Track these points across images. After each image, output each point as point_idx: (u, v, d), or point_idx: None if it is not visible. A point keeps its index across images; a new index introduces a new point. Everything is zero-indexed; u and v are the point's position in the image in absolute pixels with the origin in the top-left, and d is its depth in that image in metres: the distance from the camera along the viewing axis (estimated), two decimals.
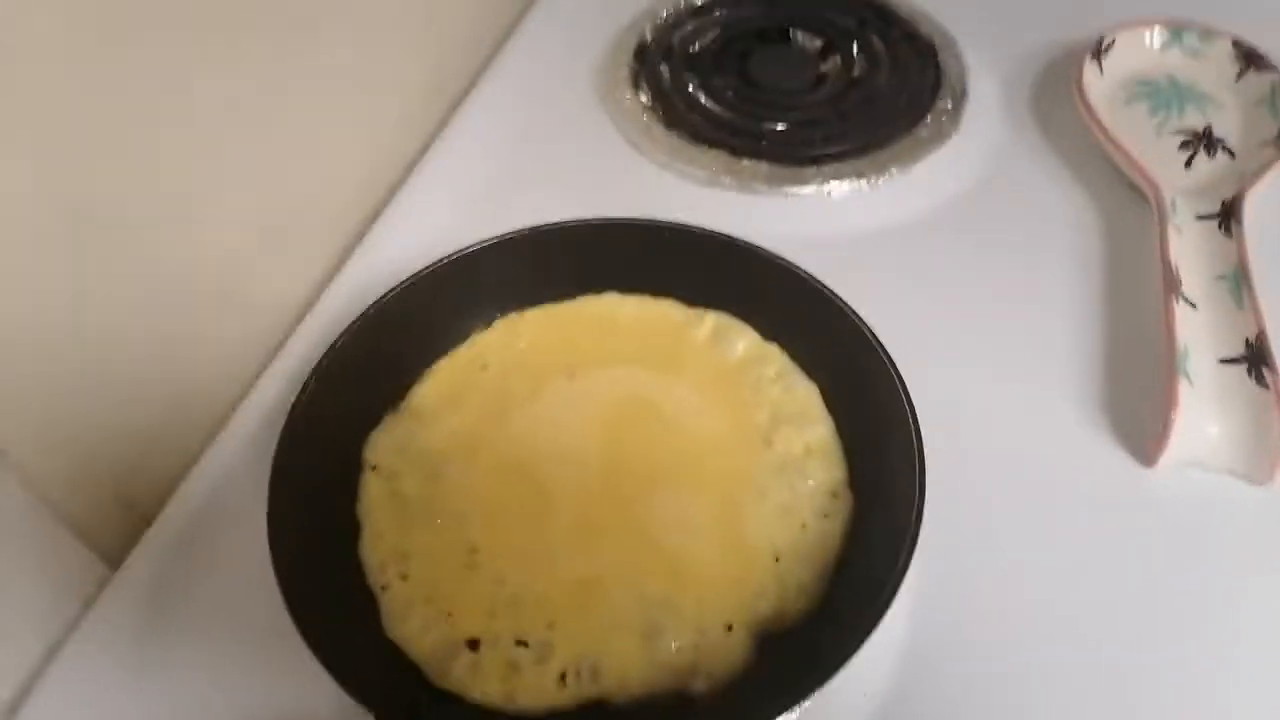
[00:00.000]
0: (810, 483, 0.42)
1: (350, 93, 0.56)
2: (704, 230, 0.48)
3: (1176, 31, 0.64)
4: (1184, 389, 0.46)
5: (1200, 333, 0.48)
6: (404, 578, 0.38)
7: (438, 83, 0.66)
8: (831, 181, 0.58)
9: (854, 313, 0.44)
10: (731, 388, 0.45)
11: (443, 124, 0.65)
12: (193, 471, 0.47)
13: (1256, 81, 0.61)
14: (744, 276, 0.47)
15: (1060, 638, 0.42)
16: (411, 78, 0.63)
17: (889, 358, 0.42)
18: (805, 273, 0.45)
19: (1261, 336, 0.47)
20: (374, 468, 0.41)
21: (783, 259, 0.46)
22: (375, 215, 0.59)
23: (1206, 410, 0.46)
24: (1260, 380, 0.46)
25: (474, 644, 0.37)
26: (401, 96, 0.62)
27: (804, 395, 0.45)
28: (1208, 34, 0.63)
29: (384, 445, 0.42)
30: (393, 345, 0.45)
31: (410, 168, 0.62)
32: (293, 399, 0.40)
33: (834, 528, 0.41)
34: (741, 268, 0.47)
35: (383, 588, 0.38)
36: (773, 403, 0.45)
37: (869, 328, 0.43)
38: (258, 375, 0.51)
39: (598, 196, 0.59)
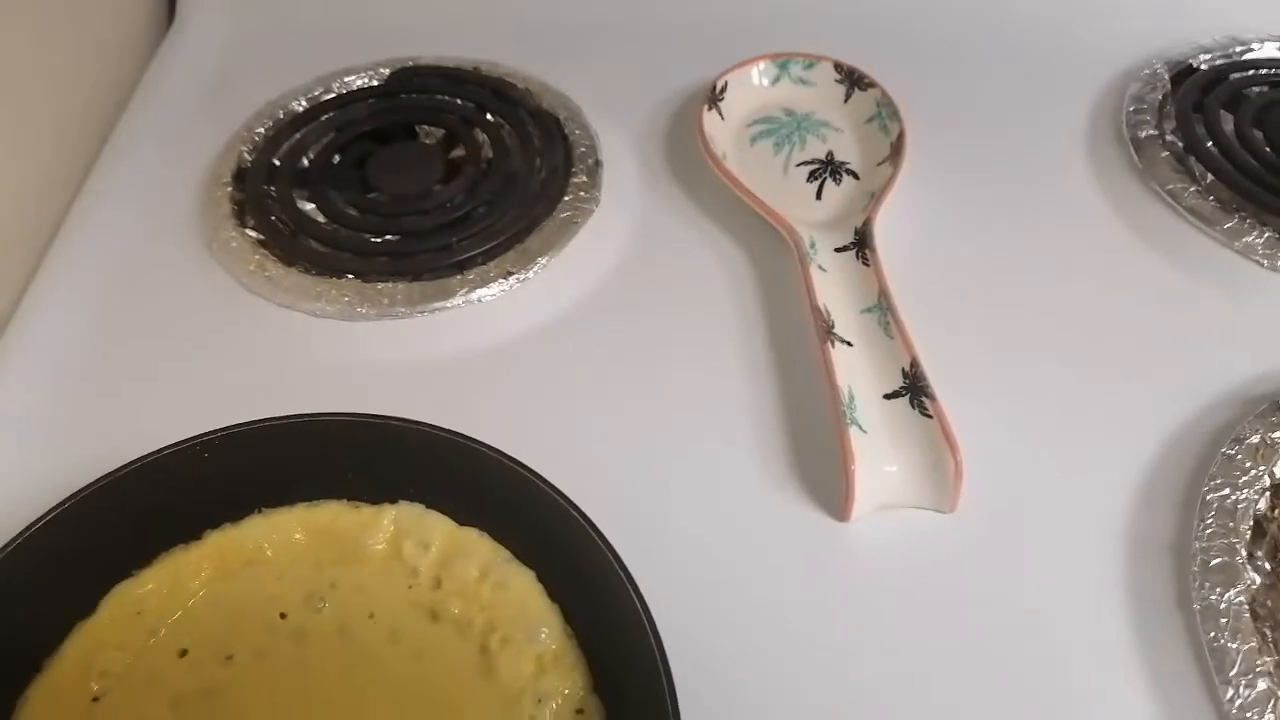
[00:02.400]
0: (552, 706, 0.35)
1: None
2: (338, 417, 0.40)
3: (782, 63, 0.65)
4: (856, 438, 0.45)
5: (861, 372, 0.48)
6: None
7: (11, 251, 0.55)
8: (478, 288, 0.53)
9: (537, 475, 0.38)
10: (431, 613, 0.38)
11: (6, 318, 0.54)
12: None
13: (862, 100, 0.63)
14: (410, 459, 0.40)
15: (808, 702, 0.40)
16: None
17: (586, 519, 0.36)
18: (471, 440, 0.39)
19: (914, 364, 0.48)
20: None
21: (441, 429, 0.40)
22: None
23: (882, 451, 0.45)
24: (923, 410, 0.46)
25: None
26: None
27: (520, 590, 0.38)
28: (810, 61, 0.65)
29: None
30: None
31: None
32: None
33: None
34: (403, 449, 0.40)
35: None
36: (485, 610, 0.37)
37: (560, 491, 0.37)
38: None
39: (220, 367, 0.51)
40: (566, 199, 0.59)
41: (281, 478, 0.40)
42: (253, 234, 0.56)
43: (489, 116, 0.64)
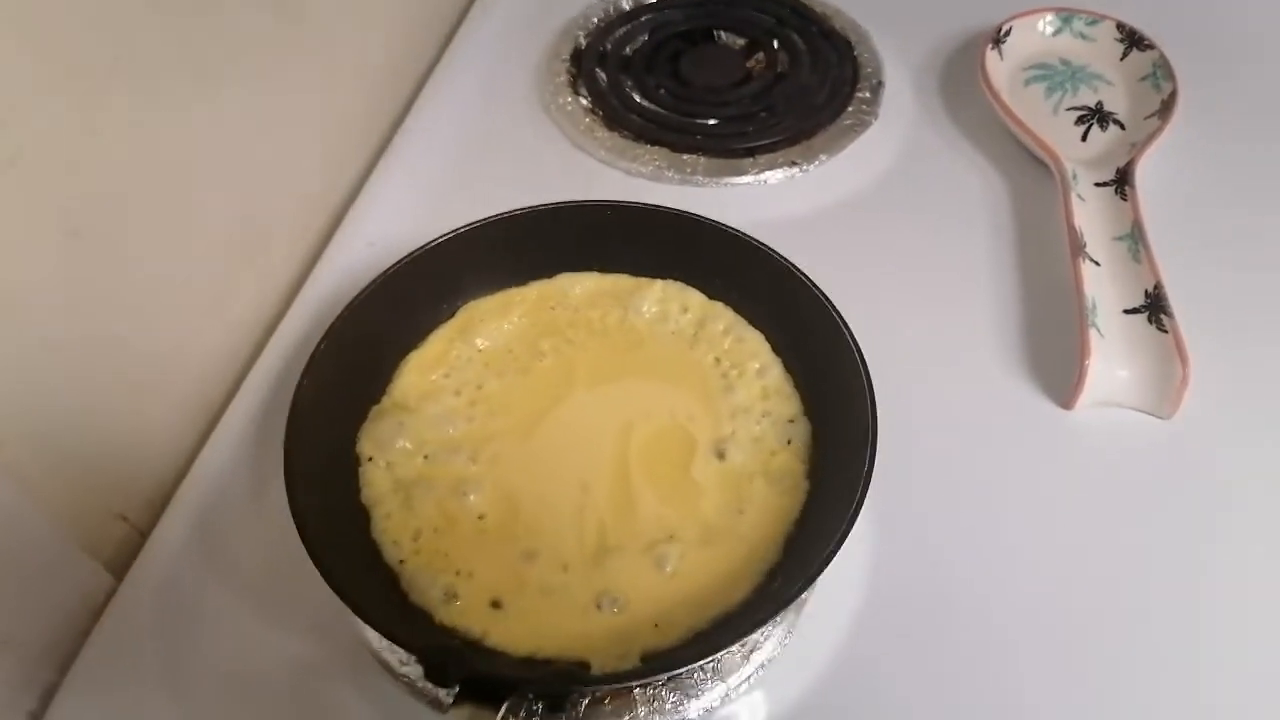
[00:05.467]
0: (774, 415, 0.46)
1: (309, 114, 0.59)
2: (643, 205, 0.51)
3: (1066, 17, 0.70)
4: (1094, 339, 0.51)
5: (1105, 287, 0.54)
6: (418, 553, 0.41)
7: (382, 99, 0.68)
8: (766, 171, 0.63)
9: (788, 261, 0.48)
10: (689, 345, 0.49)
11: (389, 137, 0.67)
12: (185, 481, 0.49)
13: (1139, 60, 0.67)
14: (685, 243, 0.51)
15: (1003, 557, 0.47)
16: (358, 99, 0.66)
17: (826, 299, 0.46)
18: (739, 232, 0.49)
19: (1158, 287, 0.53)
20: (370, 459, 0.44)
21: (717, 221, 0.50)
22: (337, 221, 0.61)
23: (1115, 356, 0.51)
24: (1160, 326, 0.52)
25: (497, 603, 0.40)
26: (353, 115, 0.65)
27: (753, 344, 0.49)
28: (1094, 18, 0.69)
29: (375, 438, 0.45)
30: (369, 343, 0.47)
31: (365, 177, 0.64)
32: (290, 402, 0.42)
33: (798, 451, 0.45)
34: (681, 235, 0.50)
35: (400, 562, 0.41)
36: (727, 353, 0.49)
37: (804, 274, 0.47)
38: (239, 382, 0.53)
39: (548, 195, 0.61)
40: (849, 110, 0.66)
41: (584, 250, 0.52)
42: (585, 101, 0.67)
43: (786, 31, 0.72)
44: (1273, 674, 0.44)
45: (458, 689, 0.35)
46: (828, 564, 0.37)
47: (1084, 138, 0.64)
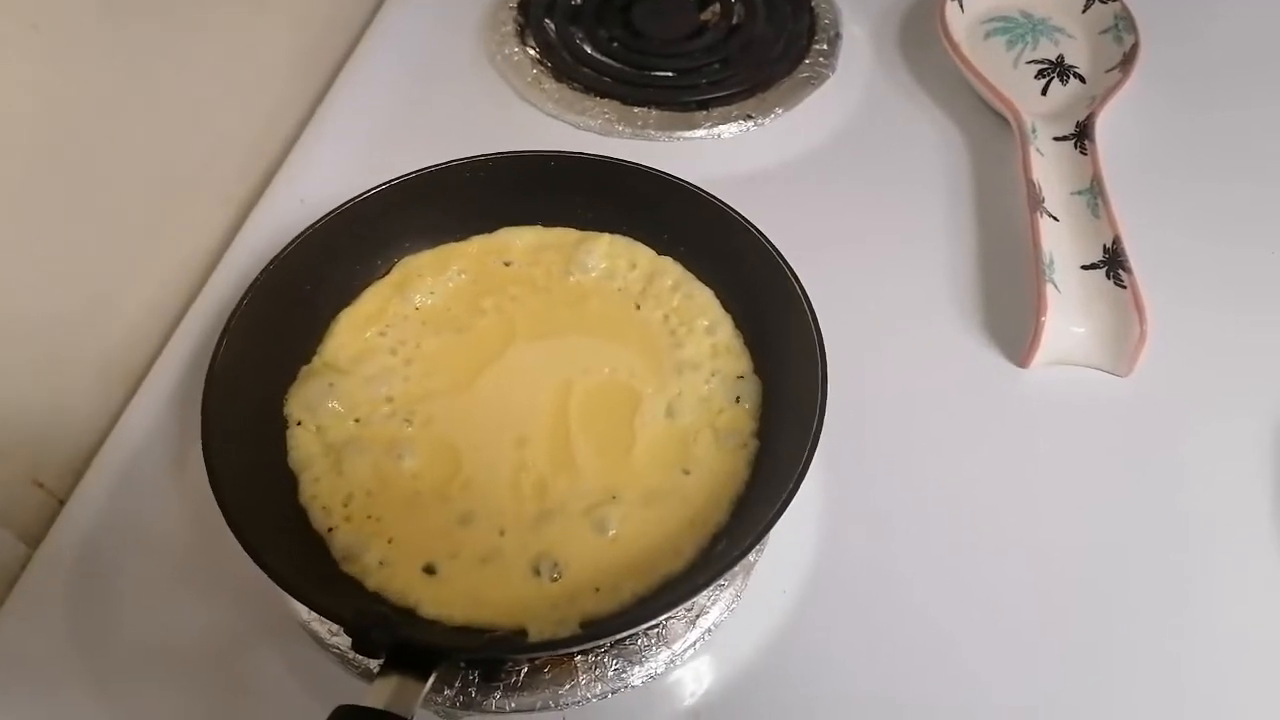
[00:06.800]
0: (723, 374, 0.45)
1: (240, 60, 0.56)
2: (587, 155, 0.49)
3: None
4: (1051, 294, 0.50)
5: (1063, 243, 0.53)
6: (348, 519, 0.39)
7: (321, 46, 0.65)
8: (720, 125, 0.61)
9: (738, 214, 0.46)
10: (635, 305, 0.47)
11: (327, 88, 0.64)
12: (105, 446, 0.47)
13: (1101, 12, 0.66)
14: (632, 196, 0.49)
15: (955, 519, 0.46)
16: (294, 44, 0.62)
17: (777, 252, 0.44)
18: (687, 183, 0.47)
19: (1117, 241, 0.52)
20: (298, 422, 0.42)
21: (663, 172, 0.48)
22: (270, 176, 0.59)
23: (1072, 312, 0.50)
24: (1118, 281, 0.51)
25: (430, 569, 0.38)
26: (286, 62, 0.62)
27: (702, 301, 0.47)
28: None
29: (303, 400, 0.43)
30: (298, 300, 0.45)
31: (300, 129, 0.61)
32: (209, 360, 0.40)
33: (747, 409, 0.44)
34: (628, 188, 0.49)
35: (329, 530, 0.39)
36: (676, 310, 0.47)
37: (755, 227, 0.46)
38: (163, 344, 0.51)
39: (492, 150, 0.59)
40: (806, 62, 0.65)
41: (527, 203, 0.49)
42: (532, 52, 0.65)
43: None
44: (1227, 626, 0.43)
45: (385, 658, 0.34)
46: (773, 524, 0.36)
47: (1044, 91, 0.63)
